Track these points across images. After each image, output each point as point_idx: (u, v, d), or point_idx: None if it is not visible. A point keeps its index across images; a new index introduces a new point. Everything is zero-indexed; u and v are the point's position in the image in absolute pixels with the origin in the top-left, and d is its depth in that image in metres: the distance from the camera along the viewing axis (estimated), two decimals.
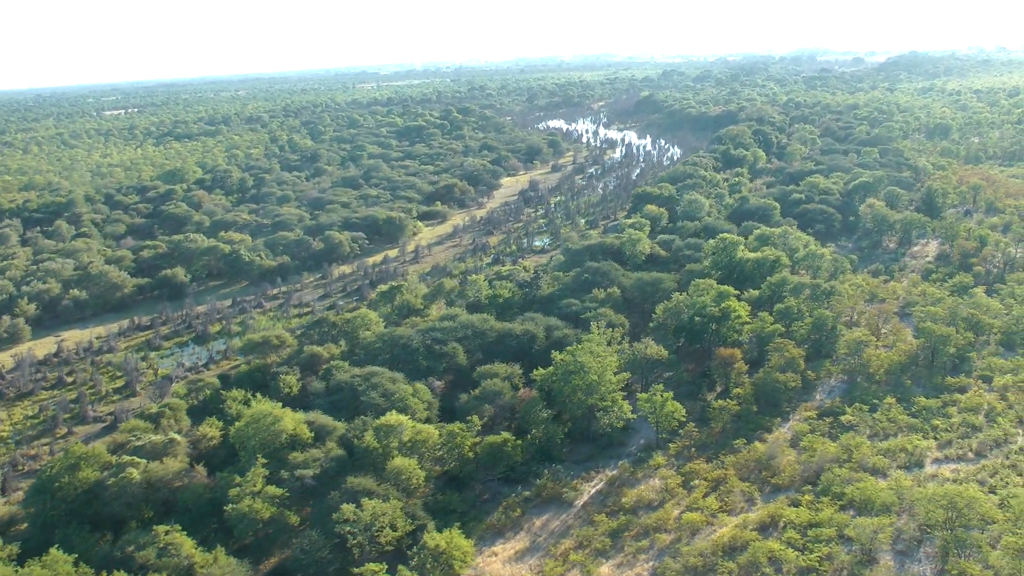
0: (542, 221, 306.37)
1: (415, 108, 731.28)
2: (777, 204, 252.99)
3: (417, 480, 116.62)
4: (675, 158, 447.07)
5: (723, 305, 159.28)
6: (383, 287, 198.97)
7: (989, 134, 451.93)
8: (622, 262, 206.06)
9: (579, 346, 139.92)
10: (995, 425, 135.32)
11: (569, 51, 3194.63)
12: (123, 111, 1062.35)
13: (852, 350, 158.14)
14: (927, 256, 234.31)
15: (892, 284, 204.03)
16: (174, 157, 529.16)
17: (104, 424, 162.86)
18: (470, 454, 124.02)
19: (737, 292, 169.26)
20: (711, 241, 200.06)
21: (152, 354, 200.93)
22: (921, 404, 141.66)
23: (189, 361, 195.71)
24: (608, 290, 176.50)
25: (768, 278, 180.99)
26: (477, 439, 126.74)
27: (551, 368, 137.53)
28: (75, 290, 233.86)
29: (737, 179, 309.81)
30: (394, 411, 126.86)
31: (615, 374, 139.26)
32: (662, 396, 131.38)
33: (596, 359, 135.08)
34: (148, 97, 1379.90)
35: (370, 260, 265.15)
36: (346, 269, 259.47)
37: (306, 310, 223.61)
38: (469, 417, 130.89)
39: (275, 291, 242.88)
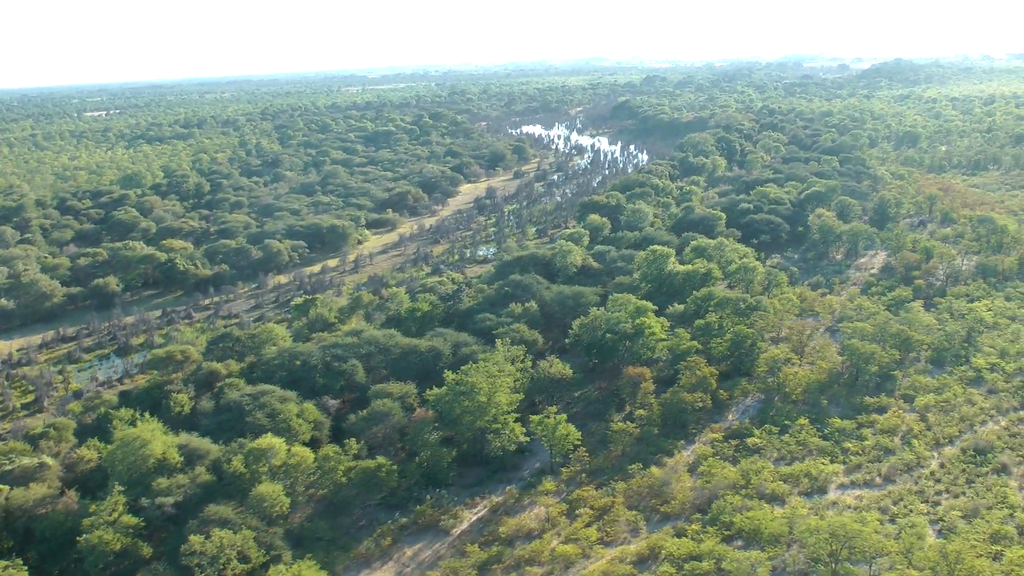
0: (492, 230, 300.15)
1: (388, 113, 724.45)
2: (723, 214, 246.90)
3: (281, 507, 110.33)
4: (641, 165, 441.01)
5: (637, 321, 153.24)
6: (298, 300, 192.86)
7: (957, 143, 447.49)
8: (553, 274, 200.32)
9: (474, 365, 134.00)
10: (908, 448, 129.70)
11: (560, 55, 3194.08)
12: (104, 112, 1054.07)
13: (770, 368, 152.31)
14: (873, 268, 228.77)
15: (829, 298, 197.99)
16: (141, 160, 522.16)
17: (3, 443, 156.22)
18: (343, 479, 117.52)
19: (656, 307, 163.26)
20: (641, 253, 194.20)
21: (70, 367, 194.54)
22: (835, 426, 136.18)
23: (104, 375, 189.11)
24: (526, 304, 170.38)
25: (694, 292, 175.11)
26: (353, 463, 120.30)
27: (444, 388, 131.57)
28: (2, 299, 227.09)
29: (690, 188, 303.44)
30: (270, 434, 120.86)
31: (514, 393, 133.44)
32: (555, 418, 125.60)
33: (488, 379, 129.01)
34: (133, 98, 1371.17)
35: (309, 269, 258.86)
36: (283, 279, 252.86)
37: (233, 321, 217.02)
38: (346, 440, 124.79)
39: (207, 301, 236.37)
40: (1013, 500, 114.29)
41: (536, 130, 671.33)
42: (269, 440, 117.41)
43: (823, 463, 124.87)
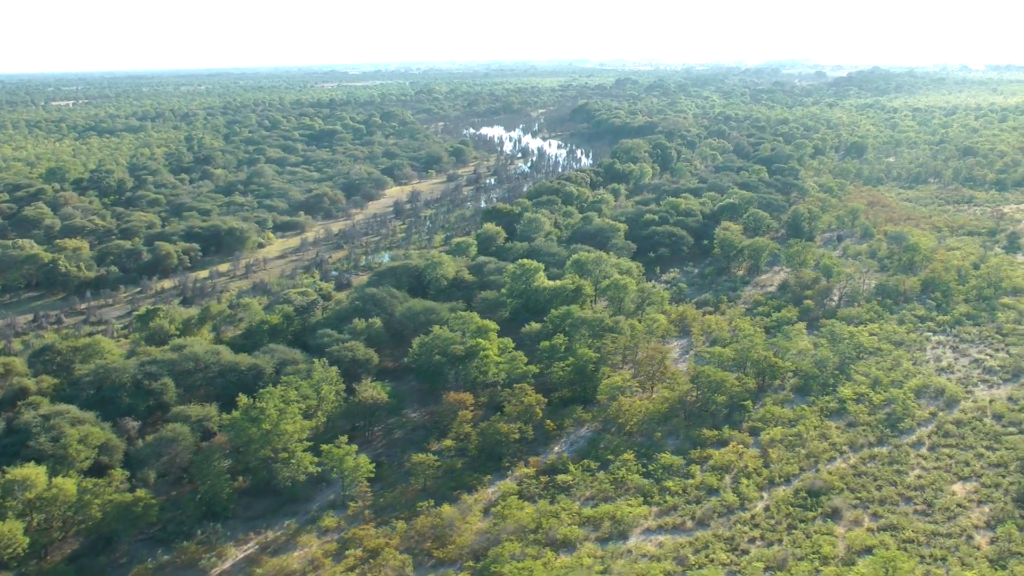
0: (400, 236, 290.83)
1: (340, 111, 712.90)
2: (624, 226, 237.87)
3: (17, 547, 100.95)
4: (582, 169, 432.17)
5: (471, 342, 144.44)
6: (140, 310, 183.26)
7: (905, 154, 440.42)
8: (425, 286, 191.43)
9: (271, 389, 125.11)
10: (733, 488, 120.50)
11: (547, 55, 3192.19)
12: (71, 102, 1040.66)
13: (611, 396, 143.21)
14: (772, 286, 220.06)
15: (708, 318, 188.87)
16: (83, 153, 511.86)
17: None
18: (98, 514, 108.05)
19: (495, 327, 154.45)
20: (510, 267, 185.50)
21: None
22: (663, 462, 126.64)
23: None
24: (370, 320, 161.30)
25: (551, 310, 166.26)
26: (116, 496, 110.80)
27: (237, 412, 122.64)
28: None
29: (604, 196, 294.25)
30: (32, 462, 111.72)
31: (307, 419, 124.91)
32: (344, 448, 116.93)
33: (276, 404, 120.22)
34: (108, 88, 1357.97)
35: (199, 274, 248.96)
36: (167, 284, 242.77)
37: (100, 328, 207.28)
38: (111, 471, 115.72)
39: (83, 306, 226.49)
40: (827, 551, 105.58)
41: (494, 131, 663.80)
42: (24, 471, 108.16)
43: (633, 504, 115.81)
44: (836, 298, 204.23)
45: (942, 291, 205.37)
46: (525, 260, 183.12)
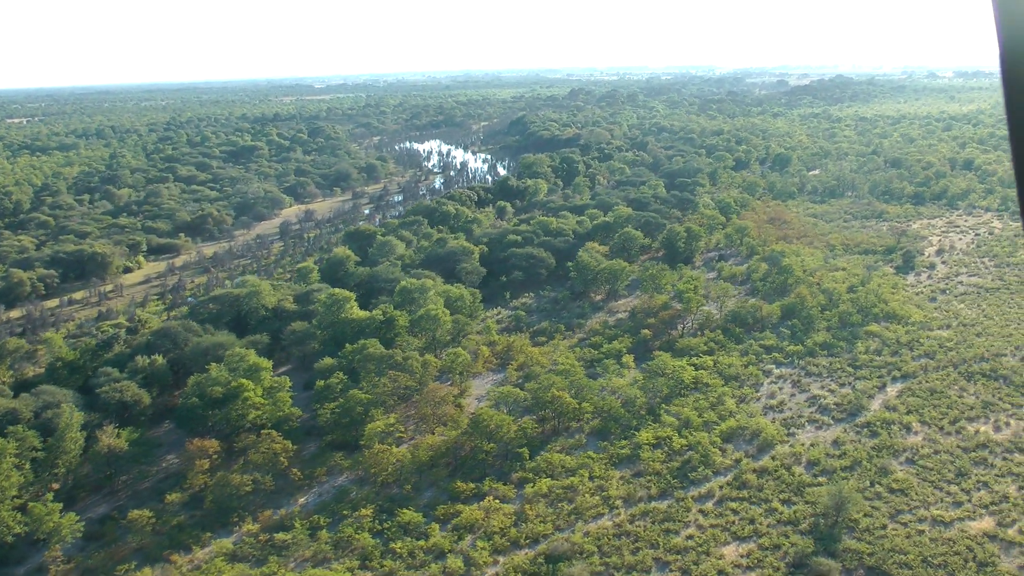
0: (273, 258, 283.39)
1: (269, 127, 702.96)
2: (479, 248, 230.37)
3: None
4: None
5: (233, 384, 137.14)
6: None
7: (829, 166, 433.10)
8: (244, 317, 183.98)
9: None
10: (466, 553, 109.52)
11: (519, 64, 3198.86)
12: (24, 120, 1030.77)
13: (370, 442, 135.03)
14: (627, 312, 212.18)
15: (532, 350, 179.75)
16: (6, 173, 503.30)
17: None
18: None
19: (267, 365, 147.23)
20: (321, 295, 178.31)
21: None
22: (401, 519, 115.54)
23: None
24: (152, 357, 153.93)
25: (347, 345, 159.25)
26: None
27: None
28: None
29: (478, 216, 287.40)
30: None
31: (64, 469, 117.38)
32: (48, 507, 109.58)
33: None
34: (72, 104, 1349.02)
35: (50, 303, 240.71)
36: (16, 313, 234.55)
37: None
38: None
39: None
40: None
41: (430, 146, 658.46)
42: None
43: (344, 570, 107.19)
44: (680, 327, 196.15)
45: (802, 318, 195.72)
46: (336, 289, 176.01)
